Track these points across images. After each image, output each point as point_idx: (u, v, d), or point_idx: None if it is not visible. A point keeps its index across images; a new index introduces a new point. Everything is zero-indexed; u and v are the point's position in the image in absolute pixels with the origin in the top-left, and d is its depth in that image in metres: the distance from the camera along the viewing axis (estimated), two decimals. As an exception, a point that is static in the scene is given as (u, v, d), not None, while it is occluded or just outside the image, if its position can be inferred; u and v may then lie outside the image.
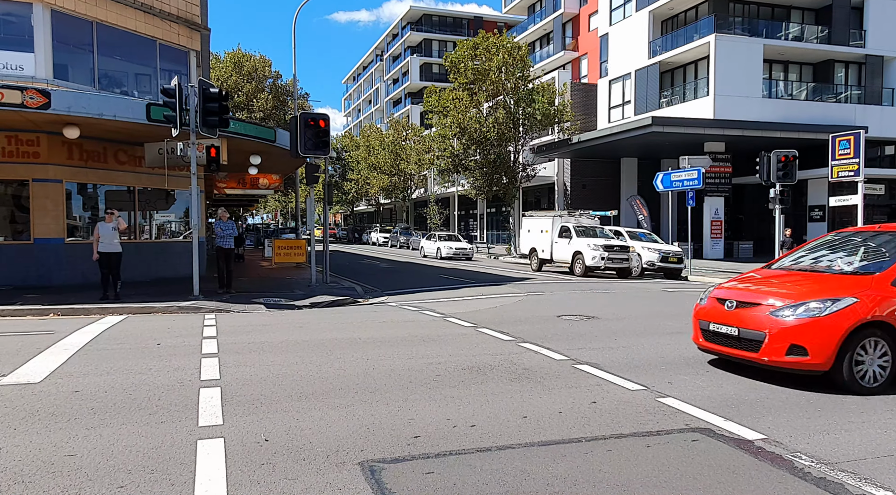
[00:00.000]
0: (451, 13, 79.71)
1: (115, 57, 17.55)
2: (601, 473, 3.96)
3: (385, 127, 65.20)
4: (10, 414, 5.10)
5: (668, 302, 14.15)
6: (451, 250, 32.10)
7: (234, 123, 15.53)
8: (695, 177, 21.93)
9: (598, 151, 34.16)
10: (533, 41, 50.79)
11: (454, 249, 32.17)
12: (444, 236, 34.61)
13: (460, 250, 32.25)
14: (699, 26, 32.85)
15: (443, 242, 33.19)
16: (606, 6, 38.91)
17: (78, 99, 13.38)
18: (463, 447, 4.39)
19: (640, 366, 7.00)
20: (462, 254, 32.08)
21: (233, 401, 5.47)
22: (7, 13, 15.67)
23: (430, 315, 11.35)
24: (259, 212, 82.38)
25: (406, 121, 62.54)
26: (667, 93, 35.02)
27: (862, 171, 19.94)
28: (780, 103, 32.32)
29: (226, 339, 8.63)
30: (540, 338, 8.76)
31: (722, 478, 3.90)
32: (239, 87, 41.15)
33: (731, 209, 33.82)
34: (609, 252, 21.02)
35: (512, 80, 32.41)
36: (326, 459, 4.15)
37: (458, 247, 32.37)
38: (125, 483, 3.75)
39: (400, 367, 6.87)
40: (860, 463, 4.19)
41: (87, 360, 7.20)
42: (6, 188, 15.64)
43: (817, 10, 34.48)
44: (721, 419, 5.06)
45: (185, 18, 19.13)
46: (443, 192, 49.31)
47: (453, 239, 34.45)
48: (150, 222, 18.22)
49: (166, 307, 11.75)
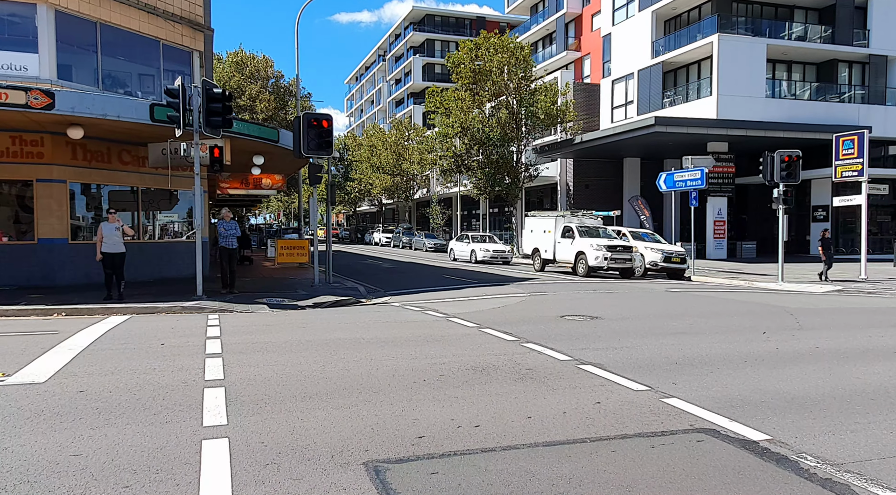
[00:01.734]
0: (453, 13, 79.69)
1: (118, 57, 17.58)
2: (606, 474, 3.95)
3: (388, 127, 65.20)
4: (15, 413, 5.11)
5: (671, 302, 14.13)
6: (488, 253, 28.55)
7: (238, 124, 15.54)
8: (698, 177, 21.90)
9: (600, 151, 34.12)
10: (536, 41, 50.78)
11: (491, 252, 28.61)
12: (478, 237, 31.18)
13: (498, 253, 28.59)
14: (702, 26, 32.81)
15: (477, 244, 29.71)
16: (609, 6, 38.88)
17: (82, 99, 13.41)
18: (467, 447, 4.39)
19: (644, 367, 6.98)
20: (500, 257, 28.50)
21: (237, 402, 5.47)
22: (11, 14, 15.70)
23: (434, 315, 11.35)
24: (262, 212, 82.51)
25: (409, 121, 62.57)
26: (670, 93, 34.97)
27: (866, 171, 19.92)
28: (784, 103, 32.26)
29: (229, 339, 8.64)
30: (543, 338, 8.75)
31: (727, 479, 3.89)
32: (242, 88, 41.18)
33: (735, 209, 33.76)
34: (612, 252, 21.00)
35: (515, 80, 32.40)
36: (331, 459, 4.15)
37: (496, 250, 28.79)
38: (130, 482, 3.76)
39: (404, 367, 6.87)
40: (866, 464, 4.17)
41: (92, 360, 7.21)
42: (10, 188, 15.69)
43: (821, 10, 34.41)
44: (726, 419, 5.05)
45: (188, 19, 19.15)
46: (445, 193, 49.30)
47: (488, 240, 31.16)
48: (153, 222, 18.25)
49: (170, 307, 11.77)
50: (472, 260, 29.12)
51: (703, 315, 11.76)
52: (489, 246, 29.45)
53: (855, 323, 11.08)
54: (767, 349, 8.14)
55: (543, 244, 24.27)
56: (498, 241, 31.83)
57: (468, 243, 30.42)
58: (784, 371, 6.86)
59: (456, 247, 31.77)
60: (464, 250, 30.39)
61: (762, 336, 9.18)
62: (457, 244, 31.87)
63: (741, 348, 8.16)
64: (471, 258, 29.37)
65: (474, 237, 31.20)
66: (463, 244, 31.00)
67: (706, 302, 14.16)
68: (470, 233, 32.44)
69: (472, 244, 29.96)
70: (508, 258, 28.85)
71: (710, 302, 14.17)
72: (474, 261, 28.95)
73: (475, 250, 29.24)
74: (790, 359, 7.54)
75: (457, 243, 31.96)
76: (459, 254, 30.86)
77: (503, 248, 29.31)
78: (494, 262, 28.43)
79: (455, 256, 31.37)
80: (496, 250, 28.86)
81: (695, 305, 13.41)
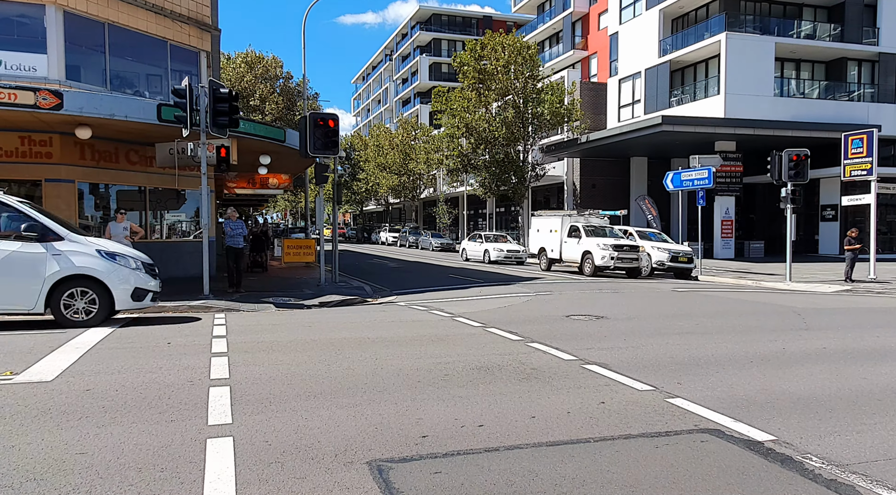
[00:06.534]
0: (460, 13, 79.70)
1: (126, 58, 17.67)
2: (609, 474, 3.95)
3: (394, 126, 65.28)
4: (22, 412, 5.15)
5: (677, 302, 14.08)
6: (502, 253, 27.98)
7: (244, 123, 15.60)
8: (705, 176, 21.81)
9: (607, 151, 34.04)
10: (542, 40, 50.69)
11: (505, 252, 28.04)
12: (490, 237, 30.37)
13: (512, 253, 28.04)
14: (710, 24, 32.67)
15: (490, 244, 28.98)
16: (616, 5, 38.77)
17: (90, 100, 13.49)
18: (471, 447, 4.39)
19: (649, 367, 6.96)
20: (514, 257, 28.00)
21: (242, 400, 5.50)
22: (20, 15, 15.81)
23: (439, 314, 11.36)
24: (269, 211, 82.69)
25: (415, 120, 62.61)
26: (677, 92, 34.84)
27: (875, 170, 19.79)
28: (792, 102, 32.08)
29: (235, 338, 8.67)
30: (549, 337, 8.74)
31: (731, 480, 3.88)
32: (253, 88, 41.36)
33: (742, 208, 33.63)
34: (619, 252, 20.94)
35: (521, 79, 32.36)
36: (335, 458, 4.16)
37: (510, 250, 28.21)
38: (135, 481, 3.78)
39: (408, 367, 6.88)
40: (872, 466, 4.15)
41: (99, 359, 7.26)
42: (19, 188, 15.78)
43: (830, 8, 34.18)
44: (731, 420, 5.03)
45: (195, 19, 19.23)
46: (452, 192, 49.29)
47: (501, 239, 30.38)
48: (160, 222, 18.35)
49: (177, 306, 11.83)
50: (486, 260, 28.47)
51: (710, 315, 11.71)
52: (503, 245, 28.84)
53: (863, 323, 11.00)
54: (774, 349, 8.10)
55: (550, 243, 24.23)
56: (511, 241, 31.03)
57: (481, 243, 29.81)
58: (790, 371, 6.83)
59: (468, 246, 31.01)
60: (476, 250, 29.72)
61: (769, 336, 9.13)
62: (469, 244, 31.17)
63: (747, 348, 8.12)
64: (484, 258, 28.73)
65: (487, 237, 30.42)
66: (475, 244, 30.32)
67: (713, 301, 14.11)
68: (483, 233, 31.61)
69: (486, 244, 29.34)
70: (523, 258, 28.26)
71: (717, 301, 14.11)
72: (488, 261, 28.31)
73: (488, 250, 28.63)
74: (796, 360, 7.50)
75: (469, 243, 31.29)
76: (472, 254, 30.11)
77: (517, 248, 28.76)
78: (508, 263, 27.83)
79: (468, 256, 30.63)
80: (510, 250, 28.30)
81: (701, 305, 13.36)
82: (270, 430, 4.70)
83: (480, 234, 31.18)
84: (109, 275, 9.76)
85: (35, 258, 9.34)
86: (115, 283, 9.79)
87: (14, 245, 9.30)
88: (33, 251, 9.35)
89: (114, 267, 9.86)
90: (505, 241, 30.29)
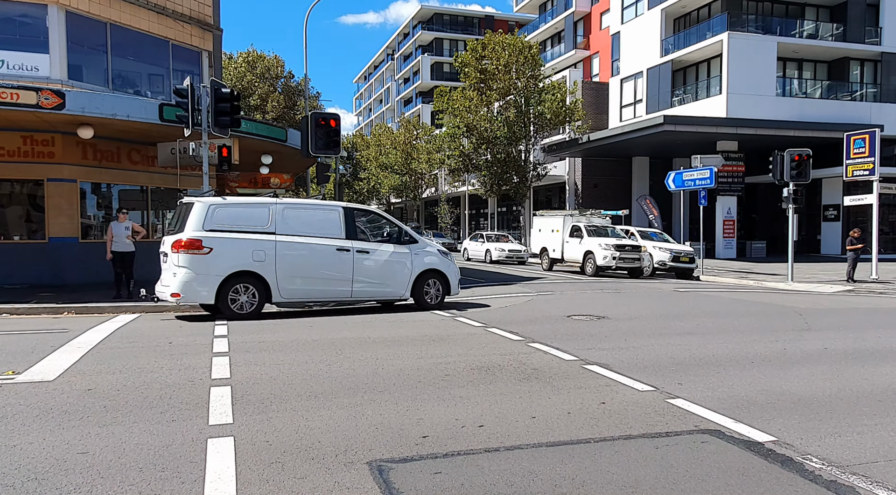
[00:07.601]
0: (461, 12, 79.66)
1: (128, 57, 17.71)
2: (609, 474, 3.95)
3: (396, 126, 65.26)
4: (24, 411, 5.17)
5: (679, 302, 14.08)
6: (503, 253, 28.19)
7: (246, 123, 15.63)
8: (707, 176, 21.79)
9: (609, 150, 34.01)
10: (544, 40, 50.66)
11: (507, 252, 28.25)
12: (492, 236, 30.57)
13: (514, 253, 28.23)
14: (712, 24, 32.63)
15: (492, 243, 29.16)
16: (618, 4, 38.75)
17: (92, 99, 13.52)
18: (471, 447, 4.39)
19: (649, 367, 6.96)
20: (516, 257, 28.19)
21: (243, 400, 5.51)
22: (22, 14, 15.84)
23: (440, 314, 11.36)
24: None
25: (417, 120, 62.60)
26: (679, 91, 34.81)
27: (877, 170, 19.75)
28: (794, 101, 32.03)
29: (237, 338, 8.68)
30: (549, 337, 8.74)
31: (731, 481, 3.88)
32: (254, 87, 41.38)
33: (744, 208, 33.57)
34: (620, 251, 20.93)
35: (523, 79, 32.34)
36: (335, 458, 4.16)
37: (512, 250, 28.42)
38: (136, 480, 3.79)
39: (409, 367, 6.88)
40: (872, 467, 4.14)
41: (100, 358, 7.27)
42: (22, 188, 15.84)
43: (832, 8, 34.13)
44: (731, 420, 5.03)
45: (197, 19, 19.26)
46: (453, 192, 49.29)
47: (503, 239, 30.52)
48: (162, 221, 18.37)
49: (179, 305, 11.83)
50: (488, 260, 28.63)
51: (711, 315, 11.70)
52: (505, 245, 28.99)
53: (864, 323, 10.99)
54: (775, 350, 8.10)
55: (552, 243, 24.22)
56: (513, 241, 31.15)
57: (483, 242, 29.94)
58: (791, 372, 6.83)
59: (470, 246, 31.17)
60: (478, 250, 29.89)
61: (770, 336, 9.12)
62: (471, 243, 31.29)
63: (748, 349, 8.12)
64: (485, 258, 28.87)
65: (489, 236, 30.57)
66: (477, 243, 30.46)
67: (714, 302, 14.10)
68: (484, 233, 31.82)
69: (487, 243, 29.47)
70: (524, 258, 28.41)
71: (718, 302, 14.10)
72: (489, 260, 28.43)
73: (490, 250, 28.80)
74: (797, 360, 7.50)
75: (471, 242, 31.40)
76: (473, 254, 30.28)
77: (519, 248, 28.88)
78: (510, 262, 27.93)
79: (469, 256, 30.80)
80: (512, 250, 28.49)
81: (702, 305, 13.35)
82: (271, 430, 4.71)
83: (482, 234, 31.39)
84: (448, 269, 12.31)
85: (405, 257, 11.82)
86: (451, 275, 12.33)
87: (391, 247, 11.75)
88: (403, 251, 11.83)
89: (448, 262, 12.39)
90: (506, 241, 30.41)
